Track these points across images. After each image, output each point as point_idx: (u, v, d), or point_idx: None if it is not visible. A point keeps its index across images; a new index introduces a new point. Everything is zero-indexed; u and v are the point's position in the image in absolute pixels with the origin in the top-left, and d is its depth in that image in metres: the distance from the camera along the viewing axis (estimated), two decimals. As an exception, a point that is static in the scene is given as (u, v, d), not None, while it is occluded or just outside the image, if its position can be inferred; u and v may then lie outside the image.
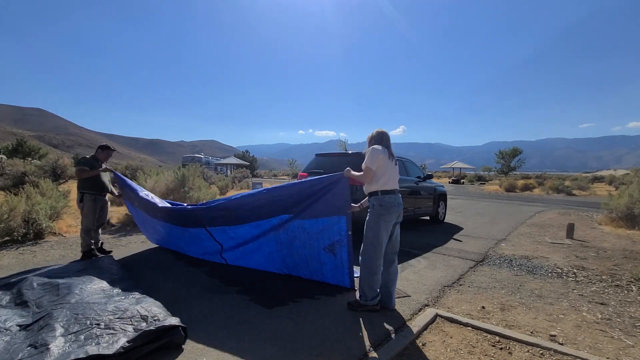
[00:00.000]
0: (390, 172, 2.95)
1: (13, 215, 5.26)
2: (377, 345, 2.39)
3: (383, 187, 2.90)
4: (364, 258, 2.94)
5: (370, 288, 2.91)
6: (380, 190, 2.90)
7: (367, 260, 2.91)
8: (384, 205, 2.86)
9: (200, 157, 33.66)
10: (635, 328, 2.78)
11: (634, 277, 4.01)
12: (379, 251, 2.89)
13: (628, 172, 30.25)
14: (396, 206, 2.92)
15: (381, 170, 2.91)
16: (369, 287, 2.92)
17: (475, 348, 2.40)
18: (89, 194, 4.37)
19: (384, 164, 2.92)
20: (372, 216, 2.91)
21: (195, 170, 8.76)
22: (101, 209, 4.55)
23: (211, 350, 2.29)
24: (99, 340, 2.13)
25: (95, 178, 4.42)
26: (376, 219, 2.87)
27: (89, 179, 4.36)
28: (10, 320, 2.41)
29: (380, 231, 2.86)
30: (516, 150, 42.89)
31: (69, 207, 6.77)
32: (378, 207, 2.87)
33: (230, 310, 2.93)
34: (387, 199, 2.88)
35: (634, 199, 7.55)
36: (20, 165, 12.84)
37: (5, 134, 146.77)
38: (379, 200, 2.88)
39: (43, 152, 32.66)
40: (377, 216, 2.87)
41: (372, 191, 2.94)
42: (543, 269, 4.41)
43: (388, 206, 2.86)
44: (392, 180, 2.95)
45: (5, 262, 4.24)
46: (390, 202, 2.88)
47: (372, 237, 2.88)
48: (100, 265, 3.75)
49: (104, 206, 4.60)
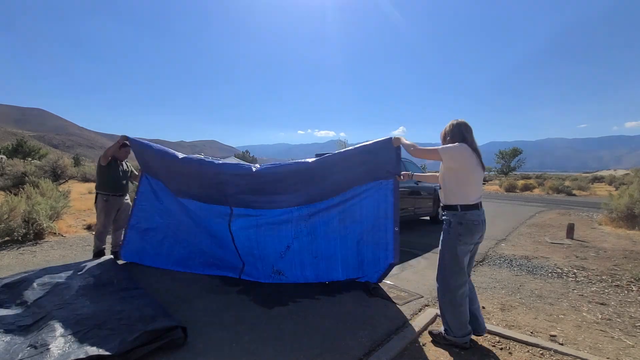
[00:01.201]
0: (476, 179, 2.32)
1: (13, 215, 5.26)
2: (378, 345, 2.39)
3: (464, 201, 2.28)
4: (443, 288, 2.39)
5: (457, 325, 2.33)
6: (460, 204, 2.29)
7: (448, 291, 2.35)
8: (464, 224, 2.27)
9: (201, 157, 33.71)
10: (635, 328, 2.78)
11: (634, 277, 4.01)
12: (460, 277, 2.32)
13: (628, 172, 30.26)
14: (481, 224, 2.32)
15: (462, 175, 2.29)
16: (455, 323, 2.34)
17: (475, 348, 2.40)
18: (102, 194, 4.16)
19: (470, 167, 2.28)
20: (450, 237, 2.32)
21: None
22: (118, 210, 4.29)
23: (211, 351, 2.28)
24: (99, 340, 2.13)
25: (110, 177, 4.18)
26: (454, 240, 2.30)
27: (104, 178, 4.17)
28: (10, 321, 2.41)
29: (460, 255, 2.30)
30: (516, 150, 42.88)
31: (69, 208, 6.77)
32: (457, 227, 2.28)
33: (230, 311, 2.92)
34: (470, 216, 2.28)
35: (634, 199, 7.55)
36: (20, 165, 12.85)
37: (5, 134, 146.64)
38: (458, 218, 2.29)
39: (43, 152, 32.69)
40: (455, 237, 2.29)
41: (450, 204, 2.34)
42: (543, 269, 4.41)
43: (470, 225, 2.27)
44: (477, 190, 2.34)
45: (5, 262, 4.24)
46: (474, 220, 2.28)
47: (451, 262, 2.33)
48: (100, 265, 3.75)
49: (122, 208, 4.31)
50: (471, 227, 2.29)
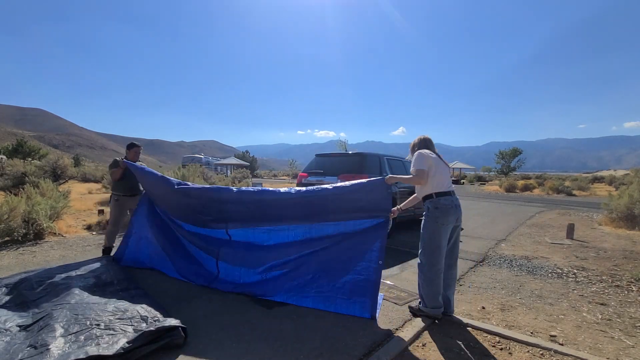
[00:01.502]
0: (443, 172, 2.82)
1: (13, 215, 5.26)
2: (377, 346, 2.39)
3: (437, 189, 2.76)
4: (422, 263, 2.81)
5: (429, 296, 2.76)
6: (434, 192, 2.76)
7: (425, 266, 2.77)
8: (440, 208, 2.73)
9: (200, 157, 33.71)
10: (635, 328, 2.78)
11: (634, 277, 4.01)
12: (437, 256, 2.74)
13: (628, 172, 30.24)
14: (454, 208, 2.76)
15: (432, 171, 2.78)
16: (428, 295, 2.77)
17: (475, 348, 2.40)
18: (114, 194, 4.42)
19: (435, 164, 2.80)
20: (429, 220, 2.78)
21: (195, 171, 8.77)
22: (130, 210, 4.48)
23: (211, 351, 2.28)
24: (99, 340, 2.13)
25: (122, 179, 4.35)
26: (432, 222, 2.74)
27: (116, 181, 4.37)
28: (10, 321, 2.41)
29: (437, 235, 2.73)
30: (516, 150, 42.88)
31: (68, 208, 6.77)
32: (434, 211, 2.74)
33: (231, 311, 2.92)
34: (443, 201, 2.74)
35: (634, 199, 7.55)
36: (20, 165, 12.85)
37: (5, 134, 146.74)
38: (434, 203, 2.75)
39: (43, 153, 32.70)
40: (433, 220, 2.74)
41: (427, 194, 2.82)
42: (543, 269, 4.41)
43: (445, 209, 2.72)
44: (447, 181, 2.82)
45: (5, 262, 4.24)
46: (447, 205, 2.74)
47: (429, 241, 2.76)
48: (100, 265, 3.75)
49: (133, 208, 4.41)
50: (445, 210, 2.73)
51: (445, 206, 2.73)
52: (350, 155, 6.40)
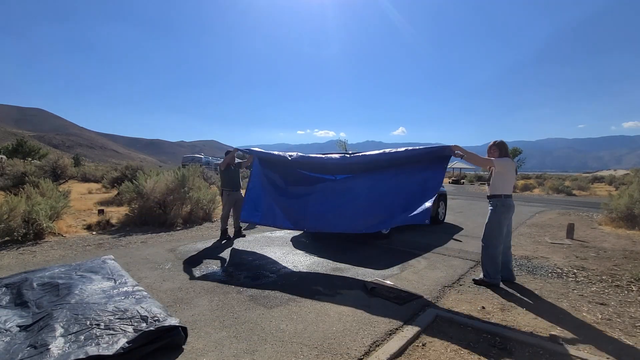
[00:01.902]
0: (512, 180, 3.71)
1: (13, 215, 5.26)
2: (377, 346, 2.39)
3: (506, 192, 3.65)
4: (487, 244, 3.69)
5: (493, 268, 3.67)
6: (503, 194, 3.65)
7: (490, 246, 3.67)
8: (505, 206, 3.65)
9: (200, 157, 33.69)
10: (635, 328, 2.78)
11: (634, 277, 4.01)
12: (500, 238, 3.67)
13: (628, 172, 30.23)
14: (513, 207, 3.70)
15: (508, 176, 3.63)
16: (492, 267, 3.67)
17: (475, 348, 2.40)
18: (225, 190, 5.87)
19: (511, 174, 3.67)
20: (495, 214, 3.68)
21: (195, 171, 8.76)
22: (236, 201, 5.85)
23: (211, 351, 2.29)
24: (99, 340, 2.13)
25: (229, 178, 5.88)
26: (498, 216, 3.66)
27: (225, 179, 5.87)
28: (10, 321, 2.41)
29: (501, 225, 3.66)
30: (516, 150, 42.83)
31: (68, 208, 6.76)
32: (501, 207, 3.65)
33: (230, 311, 2.93)
34: (508, 202, 3.66)
35: (634, 199, 7.55)
36: (20, 165, 12.84)
37: (5, 134, 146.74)
38: (502, 202, 3.65)
39: (43, 152, 32.68)
40: (499, 214, 3.65)
41: (496, 194, 3.68)
42: (543, 269, 4.41)
43: (508, 207, 3.65)
44: (512, 186, 3.74)
45: (5, 262, 4.24)
46: (510, 204, 3.67)
47: (494, 228, 3.67)
48: (100, 265, 3.75)
49: (238, 200, 5.83)
50: (508, 208, 3.67)
51: (509, 205, 3.66)
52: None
